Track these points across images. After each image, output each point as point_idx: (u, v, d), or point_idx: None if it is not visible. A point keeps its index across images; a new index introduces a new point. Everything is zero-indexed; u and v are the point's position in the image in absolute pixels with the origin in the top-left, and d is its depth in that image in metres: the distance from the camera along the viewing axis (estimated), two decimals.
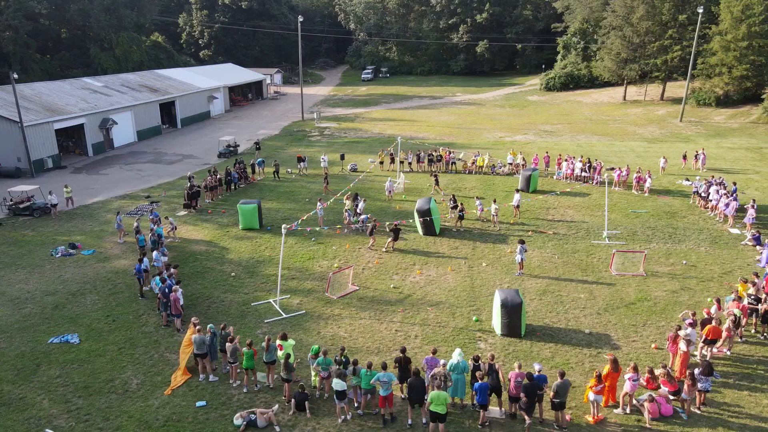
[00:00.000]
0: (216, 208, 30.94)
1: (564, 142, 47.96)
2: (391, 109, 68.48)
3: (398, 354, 14.81)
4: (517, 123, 57.89)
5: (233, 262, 23.78)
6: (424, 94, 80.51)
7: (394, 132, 53.40)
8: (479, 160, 37.92)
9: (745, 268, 22.50)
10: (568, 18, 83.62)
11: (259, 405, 14.63)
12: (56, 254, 24.50)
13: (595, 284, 21.45)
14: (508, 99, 75.24)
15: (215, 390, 15.33)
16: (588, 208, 30.16)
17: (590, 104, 68.85)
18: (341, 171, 38.66)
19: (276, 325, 18.64)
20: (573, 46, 79.31)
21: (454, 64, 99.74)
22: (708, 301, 19.87)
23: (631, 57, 64.76)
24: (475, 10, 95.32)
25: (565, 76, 77.65)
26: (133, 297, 20.64)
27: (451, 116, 62.42)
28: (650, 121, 57.58)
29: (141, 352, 17.14)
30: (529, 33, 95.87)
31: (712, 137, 49.64)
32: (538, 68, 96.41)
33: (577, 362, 16.39)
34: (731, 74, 58.78)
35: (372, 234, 24.84)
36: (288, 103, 74.03)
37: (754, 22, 56.44)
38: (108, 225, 28.28)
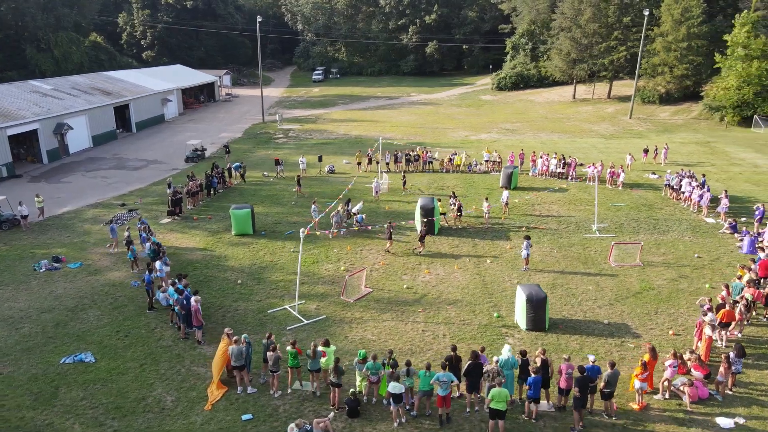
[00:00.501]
0: (200, 214, 29.88)
1: (528, 139, 49.34)
2: (350, 110, 68.24)
3: (449, 353, 14.83)
4: (478, 122, 59.07)
5: (235, 270, 23.06)
6: (379, 94, 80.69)
7: (359, 133, 53.35)
8: (457, 159, 38.45)
9: (729, 255, 23.98)
10: (515, 20, 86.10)
11: (307, 414, 14.29)
12: (39, 269, 22.93)
13: (599, 276, 22.25)
14: (462, 98, 76.60)
15: (257, 402, 14.84)
16: (571, 203, 31.21)
17: (543, 103, 71.19)
18: (319, 173, 38.21)
19: (299, 331, 18.24)
20: (522, 47, 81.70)
21: (404, 65, 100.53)
22: (706, 287, 21.10)
23: (580, 57, 67.44)
24: (423, 12, 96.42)
25: (515, 76, 79.88)
26: (139, 310, 19.63)
27: (412, 116, 62.92)
28: (602, 119, 60.19)
29: (165, 367, 16.34)
30: (476, 34, 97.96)
31: (662, 133, 52.44)
32: (486, 68, 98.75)
33: (605, 352, 16.95)
34: (672, 73, 62.39)
35: (391, 237, 24.55)
36: (243, 105, 72.35)
37: (692, 24, 60.14)
38: (89, 236, 26.76)
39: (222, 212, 30.07)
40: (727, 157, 42.30)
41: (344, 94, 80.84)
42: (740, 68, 54.10)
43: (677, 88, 63.47)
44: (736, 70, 54.34)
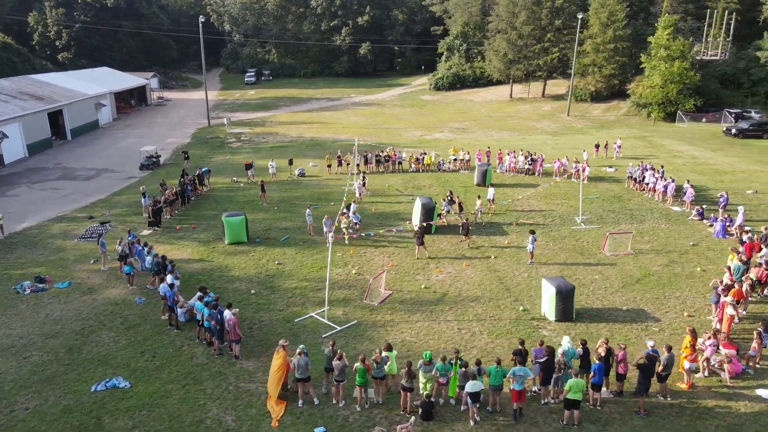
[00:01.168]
0: (181, 224, 28.39)
1: (482, 138, 50.76)
2: (294, 112, 67.16)
3: (518, 347, 15.10)
4: (427, 121, 60.04)
5: (242, 280, 22.15)
6: (318, 96, 79.93)
7: (313, 135, 52.72)
8: (426, 158, 38.93)
9: (706, 240, 25.95)
10: (449, 22, 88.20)
11: (380, 421, 14.06)
12: (23, 291, 20.90)
13: (600, 265, 23.40)
14: (403, 99, 77.48)
15: (323, 414, 14.39)
16: (547, 198, 32.53)
17: (482, 102, 73.46)
18: (290, 176, 37.37)
19: (337, 338, 17.84)
20: (456, 48, 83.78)
21: (338, 66, 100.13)
22: (698, 270, 22.75)
23: (516, 58, 70.21)
24: (356, 13, 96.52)
25: (452, 77, 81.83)
26: (156, 328, 18.42)
27: (360, 117, 62.93)
28: (542, 117, 63.05)
29: (211, 386, 15.46)
30: (408, 35, 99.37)
31: (600, 129, 55.77)
32: (418, 69, 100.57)
33: (635, 337, 17.88)
34: (602, 73, 66.51)
35: (422, 243, 24.09)
36: (179, 109, 69.22)
37: (618, 27, 64.40)
38: (65, 252, 24.70)
39: (204, 221, 28.78)
40: (665, 149, 45.67)
41: (283, 96, 79.39)
42: (663, 68, 58.52)
43: (606, 86, 67.73)
44: (660, 69, 58.73)
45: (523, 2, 67.53)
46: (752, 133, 49.83)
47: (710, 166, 39.76)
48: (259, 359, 16.74)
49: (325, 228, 25.91)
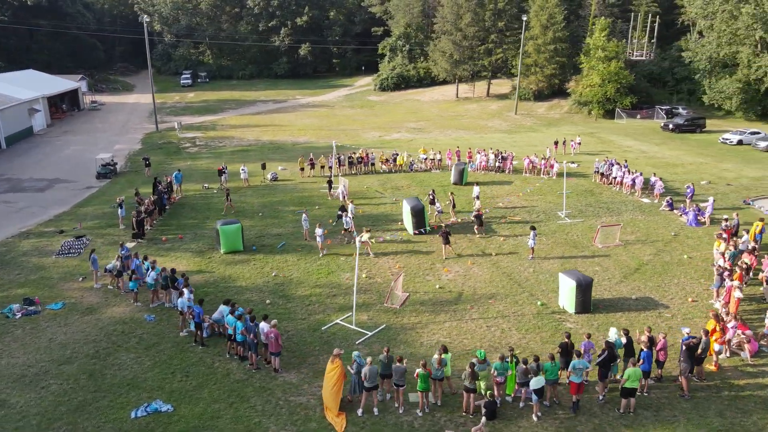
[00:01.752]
0: (167, 234, 26.95)
1: (441, 137, 51.55)
2: (243, 115, 65.32)
3: (564, 340, 15.48)
4: (381, 122, 60.18)
5: (252, 290, 21.37)
6: (263, 98, 78.12)
7: (271, 138, 51.59)
8: (399, 159, 39.07)
9: (683, 229, 27.65)
10: (390, 23, 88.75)
11: (445, 424, 14.02)
12: (12, 315, 19.14)
13: (595, 257, 24.41)
14: (350, 100, 77.22)
15: (387, 421, 14.16)
16: (527, 194, 33.50)
17: (429, 102, 74.50)
18: (263, 181, 36.35)
19: (372, 344, 17.63)
20: (399, 49, 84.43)
21: (277, 67, 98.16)
22: (685, 258, 24.24)
23: (461, 58, 71.75)
24: (294, 13, 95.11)
25: (396, 77, 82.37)
26: (178, 346, 17.43)
27: (313, 119, 62.16)
28: (492, 115, 64.83)
29: (259, 402, 14.83)
30: (347, 36, 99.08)
31: (548, 126, 58.10)
32: (359, 70, 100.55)
33: (653, 324, 18.77)
34: (543, 72, 69.22)
35: (448, 242, 24.25)
36: (117, 114, 65.47)
37: (557, 28, 67.31)
38: (46, 271, 22.84)
39: (189, 230, 27.53)
40: (615, 145, 48.22)
41: (225, 99, 76.96)
42: (601, 68, 61.81)
43: (547, 86, 70.59)
44: (598, 69, 61.98)
45: (467, 4, 69.10)
46: (687, 127, 53.60)
47: (660, 160, 42.38)
48: (300, 371, 16.24)
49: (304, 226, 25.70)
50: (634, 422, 14.01)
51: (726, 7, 57.89)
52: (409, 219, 26.88)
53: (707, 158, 42.78)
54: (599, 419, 14.17)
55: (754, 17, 54.27)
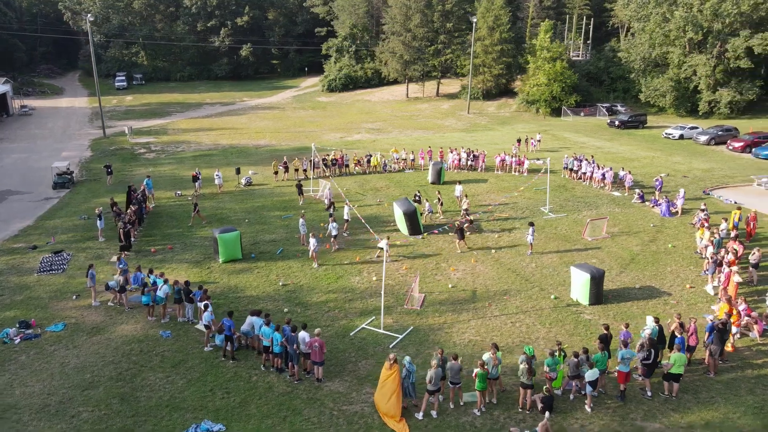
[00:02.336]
0: (151, 245, 25.57)
1: (402, 137, 51.85)
2: (192, 118, 62.89)
3: (603, 331, 16.01)
4: (337, 123, 59.74)
5: (264, 299, 20.70)
6: (208, 100, 75.57)
7: (231, 142, 50.08)
8: (373, 160, 38.97)
9: (659, 220, 29.21)
10: (336, 23, 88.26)
11: (505, 422, 14.17)
12: (8, 340, 17.58)
13: (589, 250, 25.38)
14: (299, 101, 76.12)
15: (448, 423, 14.13)
16: (503, 191, 34.31)
17: (380, 102, 74.68)
18: (237, 186, 35.22)
19: (406, 347, 17.54)
20: (345, 49, 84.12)
21: (217, 68, 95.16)
22: (670, 246, 25.65)
23: (411, 59, 72.44)
24: (234, 13, 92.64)
25: (344, 78, 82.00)
26: (208, 362, 16.63)
27: (267, 121, 60.82)
28: (445, 115, 65.86)
29: (313, 414, 14.40)
30: (289, 36, 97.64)
31: (502, 125, 59.74)
32: (301, 71, 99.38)
33: (663, 312, 19.78)
34: (491, 72, 71.10)
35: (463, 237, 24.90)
36: (53, 119, 61.23)
37: (503, 30, 69.34)
38: (31, 290, 21.12)
39: (176, 240, 26.29)
40: (571, 141, 50.27)
41: (168, 102, 73.82)
42: (547, 68, 64.28)
43: (495, 85, 72.58)
44: (544, 69, 64.41)
45: (416, 5, 69.84)
46: (631, 124, 56.69)
47: (616, 154, 44.58)
48: (342, 379, 15.92)
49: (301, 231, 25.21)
50: (679, 406, 14.72)
51: (659, 11, 61.67)
52: (403, 223, 26.87)
53: (657, 152, 45.41)
54: (647, 405, 14.78)
55: (686, 20, 58.16)
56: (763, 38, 55.98)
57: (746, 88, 59.67)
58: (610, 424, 14.02)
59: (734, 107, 60.06)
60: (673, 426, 13.98)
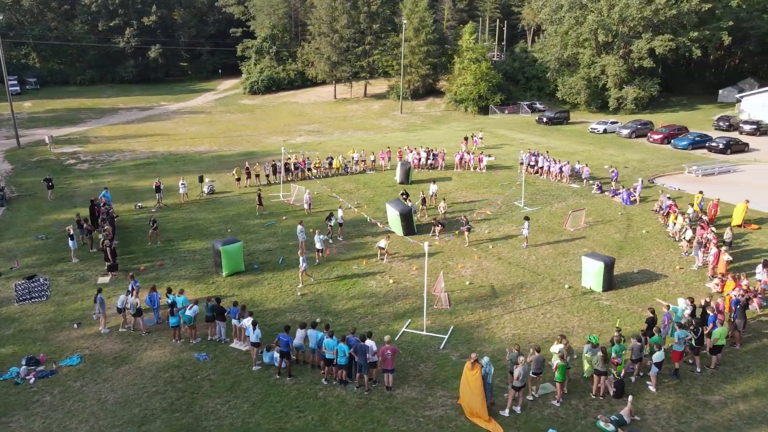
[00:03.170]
0: (136, 263, 23.48)
1: (347, 138, 51.55)
2: (112, 125, 58.28)
3: (648, 314, 16.95)
4: (273, 126, 58.16)
5: (289, 310, 19.80)
6: (122, 105, 70.47)
7: (168, 149, 47.13)
8: (335, 162, 38.38)
9: (624, 209, 31.34)
10: (253, 24, 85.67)
11: (587, 410, 14.63)
12: (21, 380, 15.45)
13: (575, 240, 26.71)
14: (223, 104, 73.09)
15: (534, 416, 14.34)
16: (472, 188, 35.21)
17: (308, 104, 73.54)
18: (199, 196, 33.22)
19: (455, 347, 17.57)
20: (266, 50, 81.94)
21: (123, 71, 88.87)
22: (644, 232, 27.64)
23: (339, 60, 72.07)
24: (140, 12, 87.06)
25: (267, 80, 79.88)
26: (264, 381, 15.66)
27: (197, 126, 57.87)
28: (380, 115, 66.21)
29: (400, 423, 14.03)
30: (201, 37, 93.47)
31: (438, 124, 61.13)
32: (215, 73, 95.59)
33: (668, 293, 21.29)
34: (418, 73, 72.53)
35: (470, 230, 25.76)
36: None
37: (428, 31, 70.98)
38: (20, 322, 18.72)
39: (160, 256, 24.35)
40: (509, 138, 52.47)
41: (77, 108, 67.87)
42: (473, 68, 66.69)
43: (422, 85, 74.10)
44: (471, 70, 66.76)
45: (342, 6, 69.57)
46: (557, 120, 60.27)
47: (555, 149, 47.11)
48: (409, 384, 15.66)
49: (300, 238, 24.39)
50: (726, 378, 15.97)
51: (572, 14, 65.96)
52: (398, 224, 26.78)
53: (590, 146, 48.65)
54: (701, 380, 15.89)
55: (598, 23, 62.73)
56: (662, 40, 61.68)
57: (648, 85, 65.46)
58: (678, 401, 14.94)
59: (639, 103, 65.60)
60: (731, 396, 15.16)
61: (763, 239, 26.55)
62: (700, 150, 46.93)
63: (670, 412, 14.46)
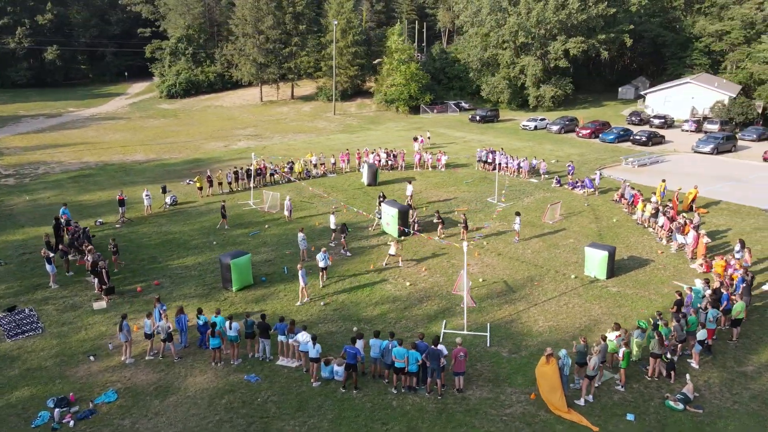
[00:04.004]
0: (131, 283, 21.47)
1: (290, 142, 50.36)
2: (20, 134, 52.56)
3: (676, 296, 18.15)
4: (205, 131, 55.45)
5: (320, 321, 19.09)
6: (22, 112, 63.77)
7: (100, 159, 43.52)
8: (297, 167, 37.35)
9: (587, 200, 33.26)
10: (165, 23, 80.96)
11: (650, 392, 15.41)
12: (58, 425, 13.65)
13: (558, 232, 27.94)
14: (141, 109, 68.46)
15: (607, 402, 14.89)
16: (440, 186, 35.73)
17: (234, 107, 70.75)
18: (163, 208, 30.96)
19: (500, 343, 17.84)
20: (181, 52, 77.79)
21: (14, 74, 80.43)
22: (614, 221, 29.50)
23: (266, 62, 70.06)
24: (33, 10, 79.32)
25: (185, 82, 75.88)
26: (331, 395, 14.98)
27: (123, 133, 53.89)
28: (311, 117, 65.19)
29: (488, 424, 14.03)
30: (103, 38, 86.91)
31: (374, 124, 61.31)
32: (120, 76, 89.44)
33: (663, 276, 22.91)
34: (347, 74, 72.31)
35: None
36: None
37: (355, 32, 71.02)
38: (20, 360, 16.48)
39: (150, 274, 22.48)
40: (451, 137, 53.73)
41: None
42: (403, 68, 67.63)
43: (351, 86, 73.91)
44: (400, 70, 67.66)
45: (267, 7, 67.69)
46: (489, 118, 62.62)
47: (499, 146, 48.96)
48: (476, 385, 15.70)
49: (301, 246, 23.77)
50: (749, 349, 17.50)
51: (493, 17, 68.76)
52: (395, 223, 26.62)
53: (530, 142, 51.04)
54: (731, 354, 17.27)
55: (518, 26, 65.94)
56: (575, 42, 66.07)
57: (564, 84, 69.89)
58: (722, 375, 16.17)
59: (555, 101, 69.83)
60: (761, 364, 16.65)
61: (716, 221, 29.26)
62: (624, 143, 50.83)
63: (720, 386, 15.62)
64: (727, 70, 73.11)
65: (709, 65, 75.12)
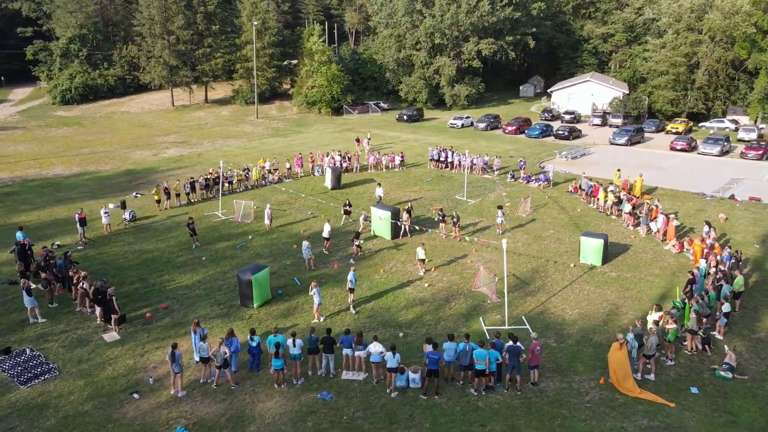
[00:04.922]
0: (139, 309, 19.36)
1: (224, 148, 48.02)
2: None
3: (689, 276, 19.79)
4: (124, 139, 51.22)
5: (365, 329, 18.19)
6: None
7: (15, 175, 38.68)
8: (254, 173, 35.70)
9: (546, 191, 35.08)
10: (51, 23, 73.36)
11: (695, 365, 16.69)
12: None
13: (534, 223, 29.26)
14: (34, 118, 61.54)
15: (664, 379, 15.90)
16: (403, 187, 35.89)
17: (144, 113, 65.85)
18: (124, 224, 28.22)
19: (543, 334, 18.38)
20: (74, 53, 70.98)
21: None
22: (578, 211, 31.45)
23: (177, 64, 66.00)
24: None
25: (82, 87, 69.37)
26: (417, 407, 14.59)
27: (26, 144, 48.27)
28: (233, 121, 62.45)
29: (578, 413, 14.42)
30: None
31: (303, 127, 60.11)
32: None
33: (649, 258, 24.79)
34: (265, 76, 70.17)
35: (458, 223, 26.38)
36: None
37: (271, 33, 69.15)
38: (50, 409, 14.31)
39: (150, 298, 20.47)
40: (387, 137, 54.02)
41: None
42: (324, 70, 66.97)
43: (269, 88, 71.78)
44: (321, 71, 66.93)
45: (177, 6, 63.78)
46: (415, 118, 63.74)
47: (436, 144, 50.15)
48: (543, 375, 16.05)
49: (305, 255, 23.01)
50: (753, 317, 19.52)
51: (408, 19, 70.15)
52: (388, 225, 26.41)
53: (463, 140, 52.69)
54: (740, 323, 19.14)
55: (434, 27, 67.88)
56: (487, 43, 69.39)
57: (476, 83, 73.18)
58: (744, 343, 17.91)
59: (470, 99, 72.88)
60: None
61: (664, 206, 32.11)
62: (548, 138, 54.22)
63: (750, 353, 17.31)
64: (611, 69, 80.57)
65: (597, 65, 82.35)
